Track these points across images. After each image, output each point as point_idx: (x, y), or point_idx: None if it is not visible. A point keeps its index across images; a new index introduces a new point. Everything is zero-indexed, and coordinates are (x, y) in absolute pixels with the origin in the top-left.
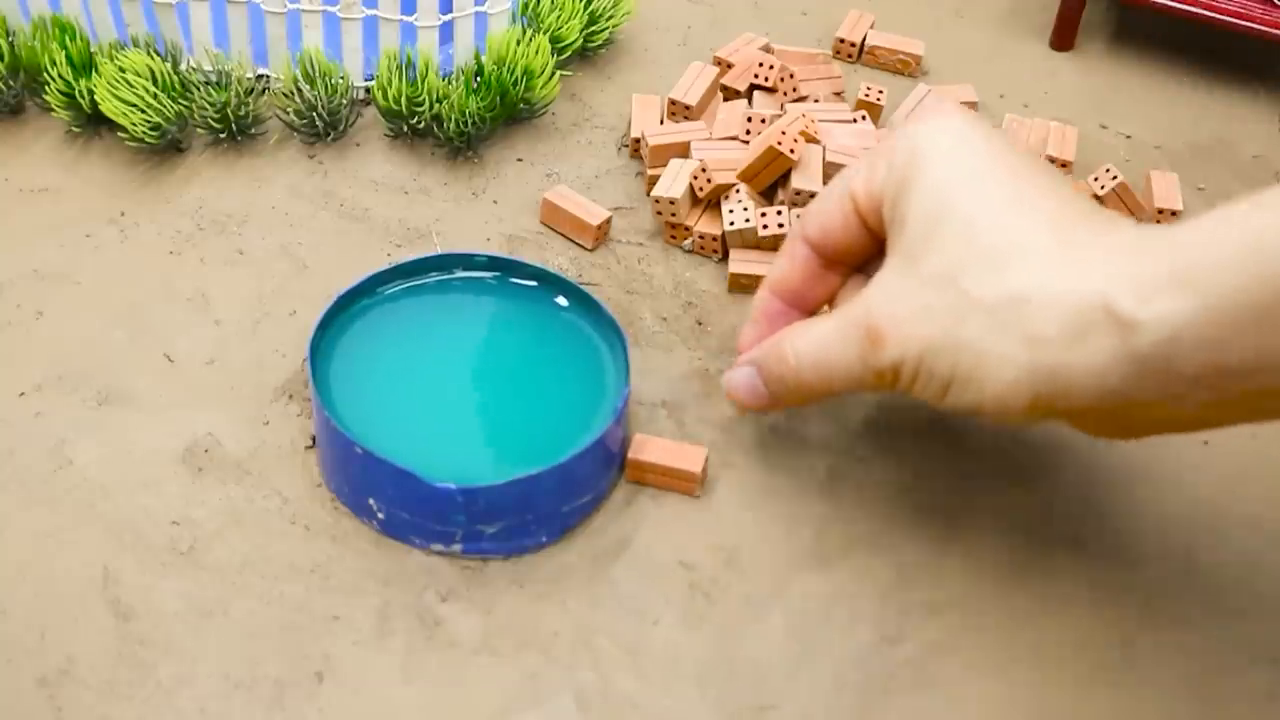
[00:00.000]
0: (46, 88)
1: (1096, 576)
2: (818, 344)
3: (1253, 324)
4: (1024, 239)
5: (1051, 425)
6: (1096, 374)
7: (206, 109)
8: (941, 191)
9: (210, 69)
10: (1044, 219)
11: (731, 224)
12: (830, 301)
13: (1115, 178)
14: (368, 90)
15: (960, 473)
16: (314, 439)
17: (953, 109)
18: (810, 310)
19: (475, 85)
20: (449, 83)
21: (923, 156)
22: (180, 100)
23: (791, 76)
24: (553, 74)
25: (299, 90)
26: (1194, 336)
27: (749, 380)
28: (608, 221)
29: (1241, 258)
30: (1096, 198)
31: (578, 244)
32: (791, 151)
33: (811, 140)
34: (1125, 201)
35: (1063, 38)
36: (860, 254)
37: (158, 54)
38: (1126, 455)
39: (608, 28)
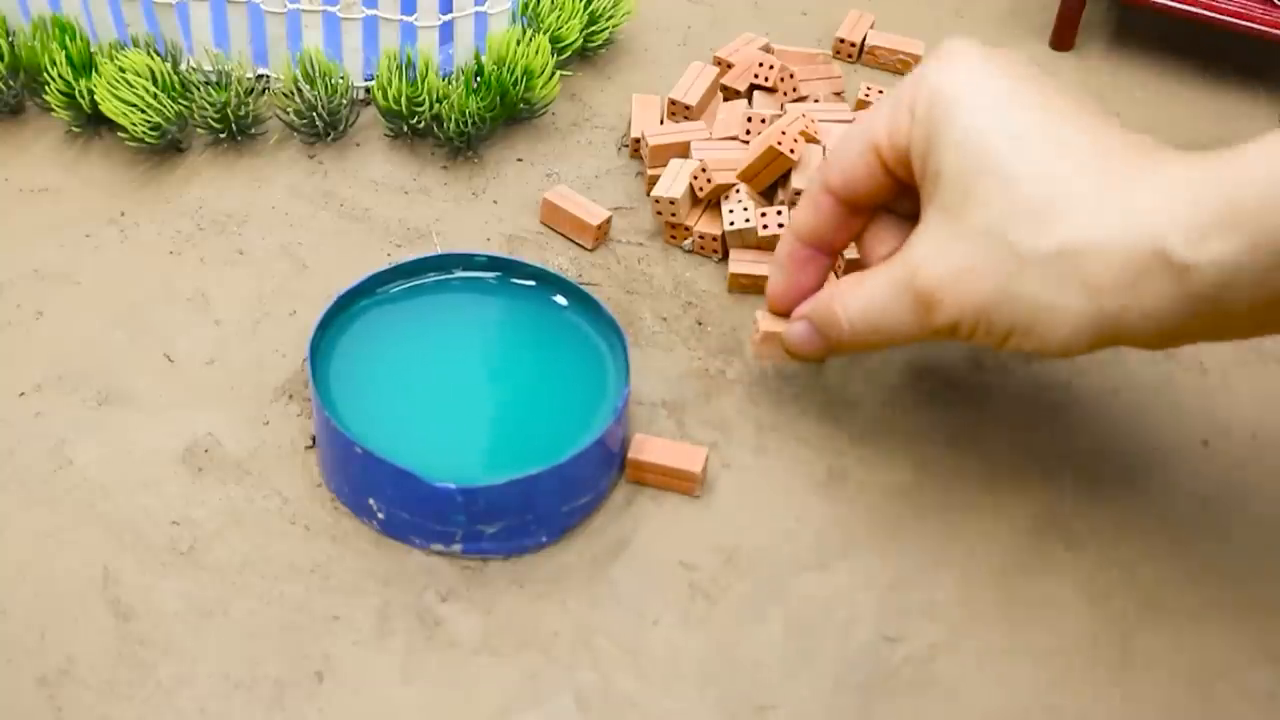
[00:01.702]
0: (46, 88)
1: (1096, 576)
2: (869, 304)
3: None
4: (1067, 187)
5: (1052, 425)
6: (1155, 314)
7: (206, 109)
8: (974, 142)
9: (210, 69)
10: (1084, 160)
11: (731, 224)
12: (858, 239)
13: None
14: (368, 90)
15: (960, 473)
16: (314, 439)
17: (969, 47)
18: (836, 252)
19: (475, 85)
20: (449, 83)
21: (949, 103)
22: (180, 100)
23: (791, 76)
24: (553, 74)
25: (299, 90)
26: (1246, 275)
27: (807, 333)
28: (608, 221)
29: None
30: None
31: (578, 244)
32: (791, 151)
33: (811, 140)
34: None
35: (1063, 38)
36: (885, 197)
37: (158, 54)
38: (1127, 455)
39: (608, 28)
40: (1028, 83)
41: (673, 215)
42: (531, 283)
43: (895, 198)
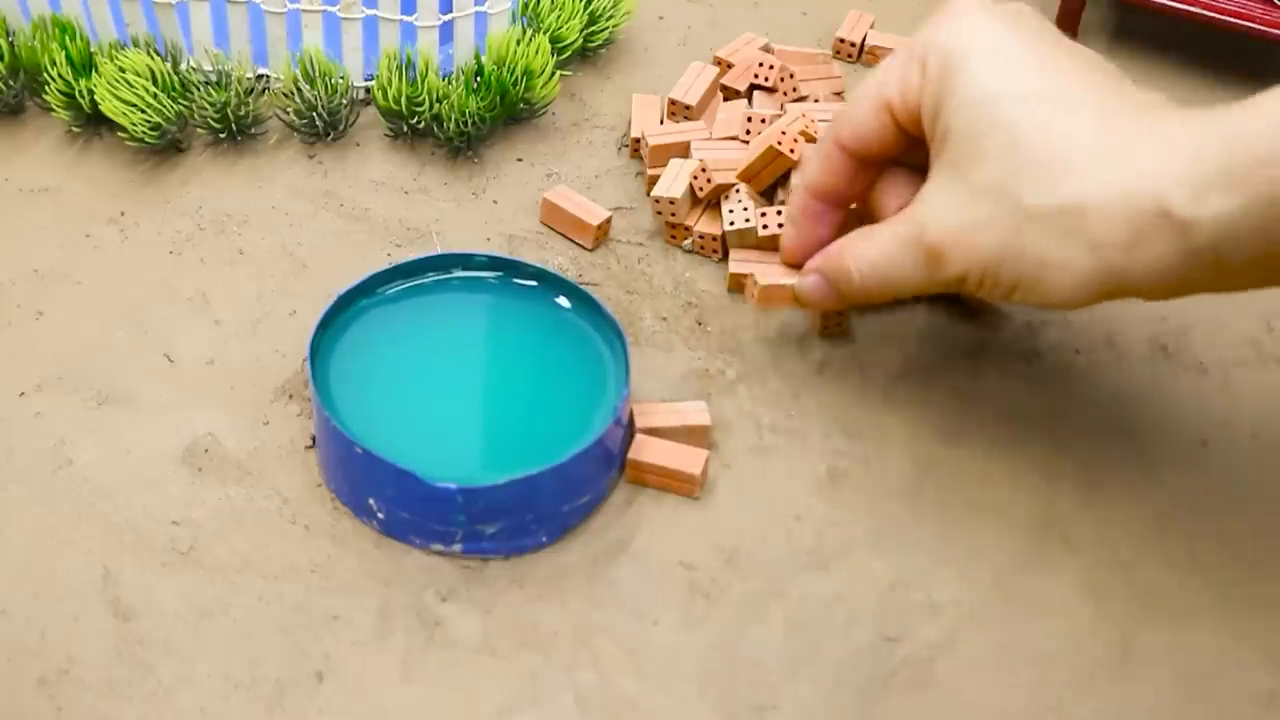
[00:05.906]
0: (46, 88)
1: (1096, 576)
2: (879, 258)
3: None
4: (1070, 144)
5: (1052, 425)
6: (1158, 269)
7: (206, 109)
8: (983, 100)
9: (210, 69)
10: (1089, 118)
11: (731, 224)
12: (869, 192)
13: None
14: (368, 90)
15: (960, 473)
16: (314, 439)
17: (976, 4)
18: (846, 205)
19: (475, 85)
20: (449, 83)
21: (959, 60)
22: (180, 100)
23: (791, 76)
24: (553, 74)
25: (299, 90)
26: (1246, 230)
27: (818, 284)
28: (608, 221)
29: None
30: None
31: (578, 244)
32: (791, 151)
33: (811, 140)
34: None
35: None
36: (896, 151)
37: (158, 54)
38: (1126, 455)
39: (608, 28)
40: (1036, 40)
41: (673, 215)
42: (531, 283)
43: (906, 151)
